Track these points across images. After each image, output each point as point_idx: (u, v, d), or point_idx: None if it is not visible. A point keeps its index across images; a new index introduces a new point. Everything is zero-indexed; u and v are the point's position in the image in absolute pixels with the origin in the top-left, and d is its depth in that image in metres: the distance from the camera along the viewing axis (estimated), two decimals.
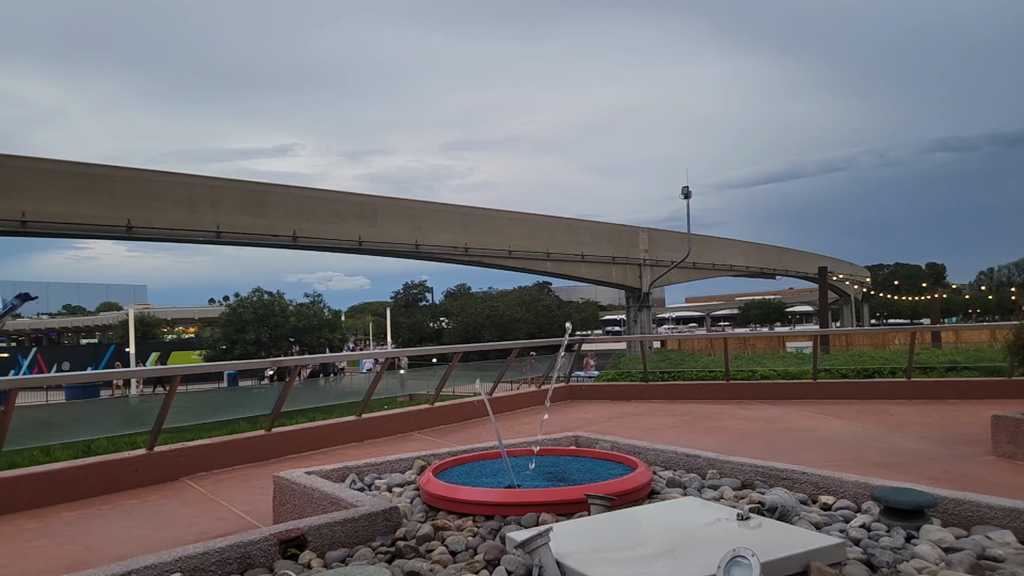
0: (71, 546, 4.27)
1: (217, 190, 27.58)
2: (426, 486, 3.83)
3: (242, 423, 14.67)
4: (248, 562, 2.85)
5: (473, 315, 61.19)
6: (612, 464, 4.29)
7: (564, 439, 5.27)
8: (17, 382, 5.61)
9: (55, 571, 3.66)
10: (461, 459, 4.55)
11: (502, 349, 11.42)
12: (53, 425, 15.25)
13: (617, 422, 8.37)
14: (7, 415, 5.13)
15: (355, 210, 30.96)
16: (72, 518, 4.92)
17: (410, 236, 32.23)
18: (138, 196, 25.25)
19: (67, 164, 24.63)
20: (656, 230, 45.57)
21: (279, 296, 46.53)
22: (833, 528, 3.16)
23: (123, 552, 4.02)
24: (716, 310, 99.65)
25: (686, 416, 8.65)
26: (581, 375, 16.52)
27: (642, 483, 3.72)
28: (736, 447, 6.18)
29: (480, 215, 36.13)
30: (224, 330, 46.34)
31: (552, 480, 4.04)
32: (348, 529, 3.18)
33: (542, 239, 37.75)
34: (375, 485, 4.35)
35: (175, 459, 6.15)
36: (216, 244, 28.13)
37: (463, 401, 9.81)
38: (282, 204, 28.94)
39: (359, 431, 7.72)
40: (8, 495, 5.10)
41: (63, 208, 23.66)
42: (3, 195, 22.52)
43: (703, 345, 18.89)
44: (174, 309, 72.35)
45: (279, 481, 4.25)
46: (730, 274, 53.50)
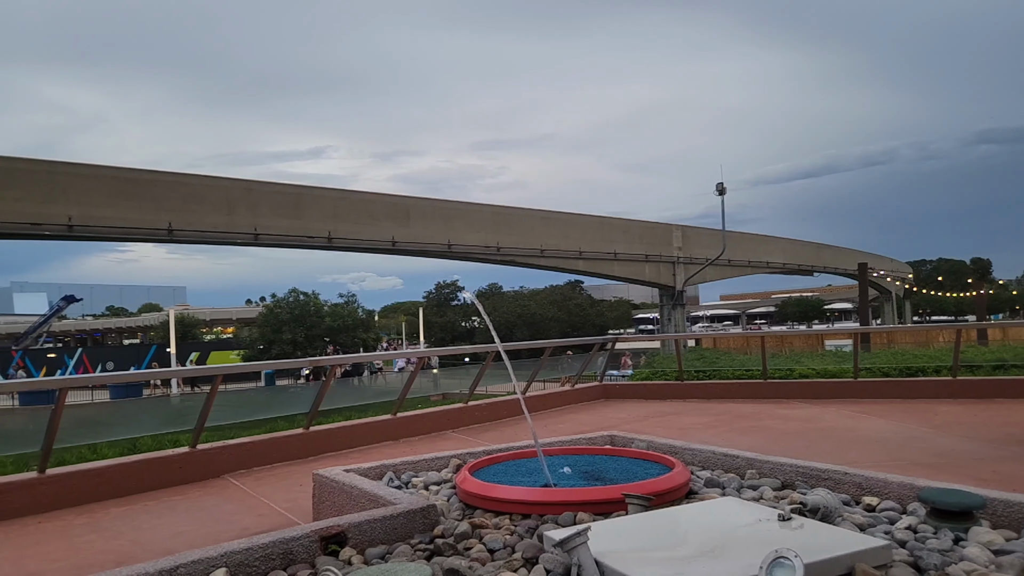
0: (119, 541, 4.40)
1: (254, 193, 28.12)
2: (463, 484, 3.85)
3: (280, 422, 14.91)
4: (290, 558, 2.90)
5: (505, 314, 61.25)
6: (649, 464, 4.26)
7: (599, 438, 5.25)
8: (66, 382, 5.79)
9: (104, 565, 3.76)
10: (496, 458, 4.56)
11: (535, 348, 11.42)
12: (99, 423, 15.70)
13: (652, 421, 8.31)
14: (57, 414, 5.30)
15: (388, 211, 31.28)
16: (120, 514, 5.06)
17: (442, 236, 32.43)
18: (179, 200, 25.88)
19: (111, 169, 25.36)
20: (690, 227, 45.09)
21: (314, 296, 47.23)
22: (878, 530, 3.09)
23: (169, 547, 4.12)
24: (752, 308, 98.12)
25: (723, 415, 8.55)
26: (615, 374, 16.43)
27: (680, 483, 3.69)
28: (775, 447, 6.08)
29: (512, 214, 36.18)
30: (261, 330, 47.20)
31: (588, 479, 4.03)
32: (387, 526, 3.22)
33: (574, 238, 37.64)
34: (412, 483, 4.39)
35: (217, 457, 6.28)
36: (254, 246, 28.66)
37: (497, 400, 9.83)
38: (317, 206, 29.38)
39: (395, 430, 7.79)
40: (58, 491, 5.27)
41: (108, 212, 24.38)
42: (51, 200, 23.29)
43: (739, 343, 18.63)
44: (213, 310, 73.92)
45: (318, 479, 4.32)
46: (766, 271, 52.69)
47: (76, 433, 11.35)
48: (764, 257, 49.67)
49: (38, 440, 5.61)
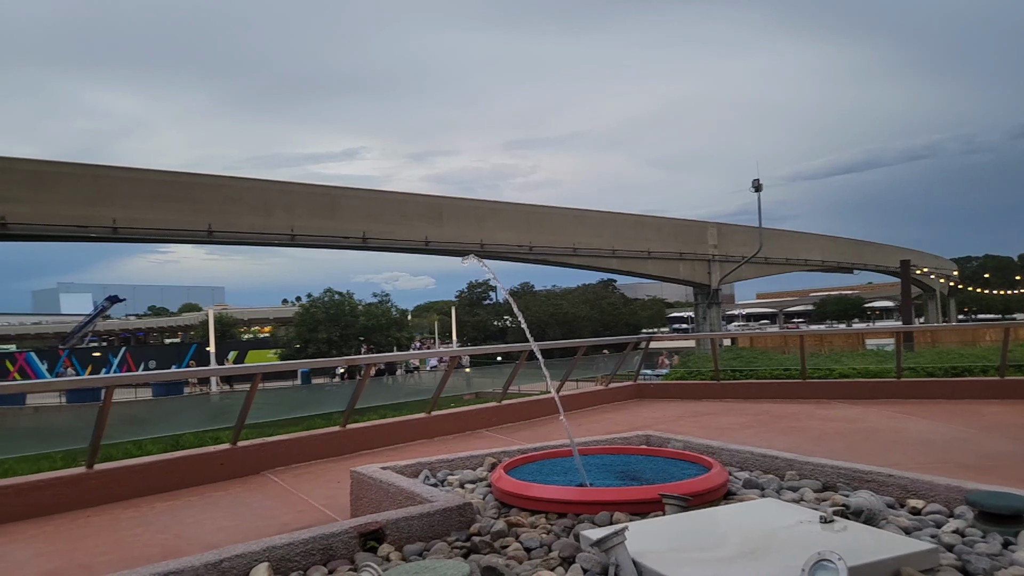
0: (164, 535, 4.51)
1: (291, 194, 28.60)
2: (498, 483, 3.86)
3: (317, 419, 15.11)
4: (330, 553, 2.95)
5: (537, 313, 61.18)
6: (685, 464, 4.22)
7: (634, 438, 5.21)
8: (113, 380, 5.97)
9: (150, 559, 3.86)
10: (531, 457, 4.56)
11: (568, 347, 11.39)
12: (144, 420, 16.09)
13: (688, 421, 8.23)
14: (105, 411, 5.46)
15: (422, 211, 31.53)
16: (164, 508, 5.19)
17: (475, 235, 32.56)
18: (218, 202, 26.47)
19: (153, 173, 26.05)
20: (725, 225, 44.52)
21: (349, 296, 47.81)
22: (924, 533, 3.02)
23: (212, 541, 4.21)
24: (789, 306, 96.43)
25: (760, 415, 8.42)
26: (649, 373, 16.31)
27: (718, 483, 3.64)
28: (815, 448, 5.96)
29: (545, 213, 36.17)
30: (298, 329, 47.97)
31: (624, 479, 4.01)
32: (424, 524, 3.25)
33: (607, 236, 37.46)
34: (448, 481, 4.42)
35: (256, 454, 6.40)
36: (290, 246, 29.15)
37: (530, 399, 9.84)
38: (352, 207, 29.76)
39: (429, 428, 7.84)
40: (106, 486, 5.43)
41: (150, 215, 25.05)
42: (97, 203, 24.02)
43: (777, 342, 18.31)
44: (250, 309, 75.25)
45: (356, 476, 4.37)
46: (804, 269, 51.76)
47: (121, 430, 11.64)
48: (802, 255, 48.80)
49: (85, 436, 5.78)
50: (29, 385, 15.55)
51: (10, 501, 4.96)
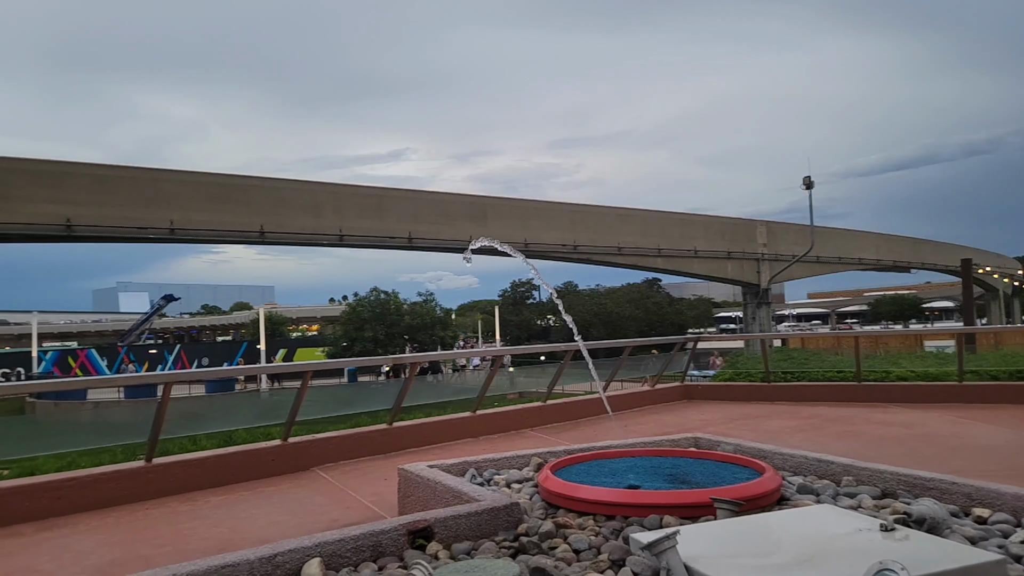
0: (219, 528, 4.63)
1: (340, 196, 29.13)
2: (545, 483, 3.84)
3: (363, 417, 15.33)
4: (380, 550, 2.98)
5: (581, 313, 60.92)
6: (737, 467, 4.13)
7: (683, 440, 5.13)
8: (171, 376, 6.16)
9: (206, 551, 3.97)
10: (578, 458, 4.53)
11: (613, 347, 11.28)
12: (197, 416, 16.57)
13: (737, 424, 8.06)
14: (163, 407, 5.64)
15: (466, 211, 31.72)
16: (219, 502, 5.33)
17: (519, 235, 32.59)
18: (269, 203, 27.12)
19: (208, 176, 26.85)
20: (775, 223, 43.54)
21: (394, 295, 48.42)
22: (990, 543, 2.89)
23: (265, 536, 4.31)
24: (842, 306, 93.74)
25: (813, 419, 8.20)
26: (696, 374, 16.05)
27: (771, 488, 3.55)
28: (872, 453, 5.77)
29: (589, 212, 35.98)
30: (344, 328, 48.81)
31: (673, 482, 3.94)
32: (472, 523, 3.25)
33: (653, 235, 37.05)
34: (494, 480, 4.42)
35: (306, 450, 6.52)
36: (339, 247, 29.66)
37: (575, 399, 9.78)
38: (398, 207, 30.13)
39: (474, 427, 7.87)
40: (163, 479, 5.60)
41: (205, 216, 25.82)
42: (156, 206, 24.89)
43: (830, 343, 17.79)
44: (299, 308, 76.83)
45: (403, 474, 4.41)
46: (858, 268, 50.25)
47: (177, 425, 12.03)
48: (855, 253, 47.41)
49: (143, 431, 5.98)
50: (93, 381, 16.19)
51: (74, 493, 5.16)
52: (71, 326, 75.98)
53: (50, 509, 5.00)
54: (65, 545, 4.38)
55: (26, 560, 4.13)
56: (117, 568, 3.84)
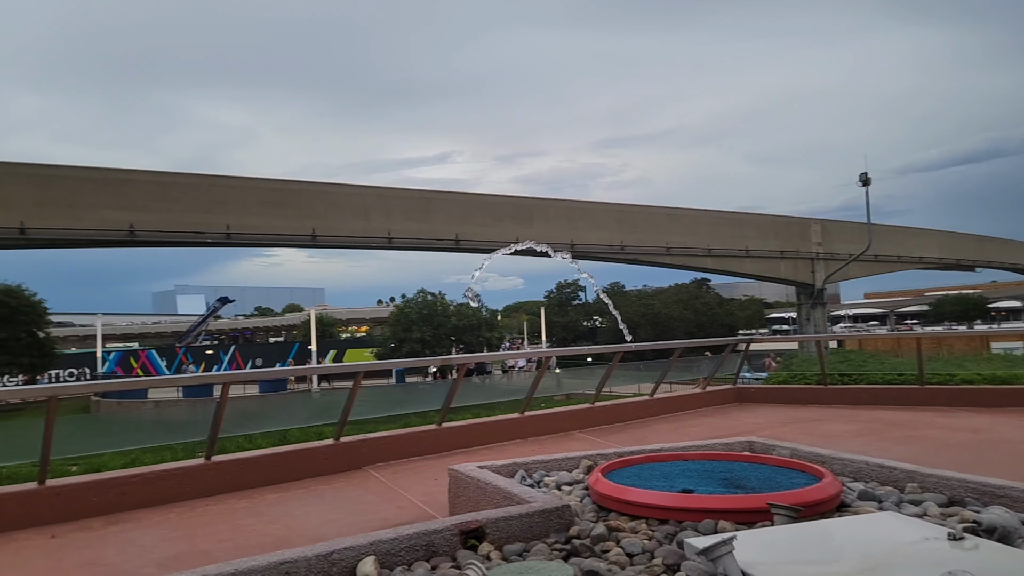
0: (275, 525, 4.74)
1: (388, 199, 29.57)
2: (596, 486, 3.81)
3: (412, 417, 15.53)
4: (432, 550, 3.00)
5: (628, 313, 60.38)
6: (794, 472, 4.02)
7: (737, 444, 5.02)
8: (229, 376, 6.31)
9: (264, 548, 4.06)
10: (629, 460, 4.48)
11: (662, 349, 11.13)
12: (253, 415, 17.03)
13: (793, 427, 7.85)
14: (222, 406, 5.80)
15: (512, 212, 31.82)
16: (275, 500, 5.45)
17: (565, 236, 32.51)
18: (321, 207, 27.72)
19: (261, 181, 27.59)
20: (830, 221, 42.37)
21: (441, 297, 48.86)
22: None
23: (320, 534, 4.39)
24: (901, 307, 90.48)
25: (872, 423, 7.92)
26: (748, 376, 15.73)
27: (831, 494, 3.45)
28: (937, 459, 5.54)
29: (636, 212, 35.66)
30: (393, 329, 49.49)
31: (727, 486, 3.86)
32: (523, 524, 3.24)
33: (702, 234, 36.49)
34: (544, 482, 4.40)
35: (358, 450, 6.61)
36: (388, 249, 30.10)
37: (624, 401, 9.68)
38: (445, 209, 30.41)
39: (522, 428, 7.86)
40: (222, 477, 5.76)
41: (259, 221, 26.55)
42: (212, 211, 25.72)
43: (889, 345, 17.22)
44: (348, 310, 78.11)
45: (454, 474, 4.43)
46: (919, 267, 48.45)
47: (234, 423, 12.40)
48: (916, 252, 45.75)
49: (200, 430, 6.17)
50: (156, 381, 16.79)
51: (138, 489, 5.35)
52: (132, 327, 79.02)
53: (116, 504, 5.19)
54: (131, 539, 4.55)
55: (95, 553, 4.30)
56: (180, 562, 3.97)
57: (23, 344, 44.68)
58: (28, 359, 44.70)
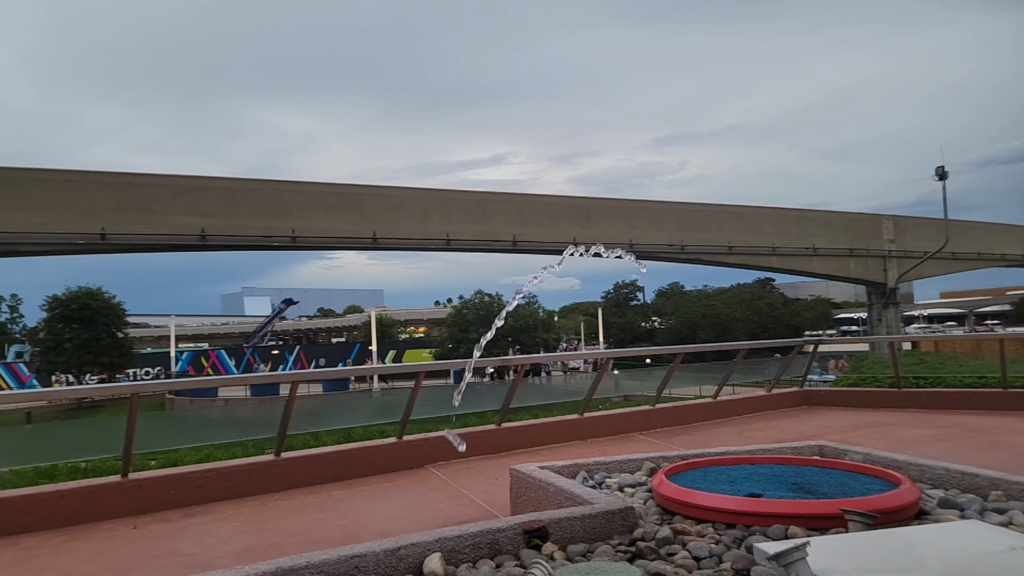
0: (342, 521, 4.86)
1: (447, 201, 29.92)
2: (660, 488, 3.76)
3: (471, 418, 15.64)
4: (496, 548, 3.02)
5: (688, 314, 59.40)
6: (868, 478, 3.88)
7: (806, 448, 4.87)
8: (298, 376, 6.52)
9: (332, 542, 4.17)
10: (693, 463, 4.41)
11: (724, 351, 10.89)
12: (318, 413, 17.49)
13: (865, 432, 7.56)
14: (291, 404, 5.99)
15: (570, 212, 31.71)
16: (341, 496, 5.60)
17: (624, 236, 32.20)
18: (381, 210, 28.30)
19: (324, 185, 28.33)
20: (903, 217, 40.65)
21: (498, 298, 49.14)
22: None
23: (385, 529, 4.48)
24: (981, 306, 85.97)
25: (951, 428, 7.57)
26: (815, 379, 15.25)
27: (909, 501, 3.31)
28: (1022, 466, 5.26)
29: (697, 211, 35.03)
30: (450, 330, 50.09)
31: (797, 491, 3.75)
32: (586, 525, 3.23)
33: (766, 233, 35.54)
34: (606, 484, 4.38)
35: (420, 448, 6.72)
36: (446, 251, 30.45)
37: (686, 403, 9.53)
38: (503, 211, 30.56)
39: (582, 429, 7.83)
40: (291, 473, 5.94)
41: (323, 224, 27.29)
42: (279, 215, 26.58)
43: (968, 347, 16.38)
44: (406, 311, 79.29)
45: (515, 474, 4.45)
46: (1002, 264, 45.92)
47: (300, 421, 12.76)
48: (997, 248, 43.42)
49: (268, 427, 6.37)
50: (229, 380, 17.47)
51: (213, 483, 5.57)
52: (203, 328, 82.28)
53: (192, 497, 5.42)
54: (206, 531, 4.74)
55: (174, 544, 4.50)
56: (253, 554, 4.11)
57: (103, 344, 47.20)
58: (108, 358, 47.18)
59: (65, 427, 18.08)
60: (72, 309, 46.65)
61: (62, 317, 46.80)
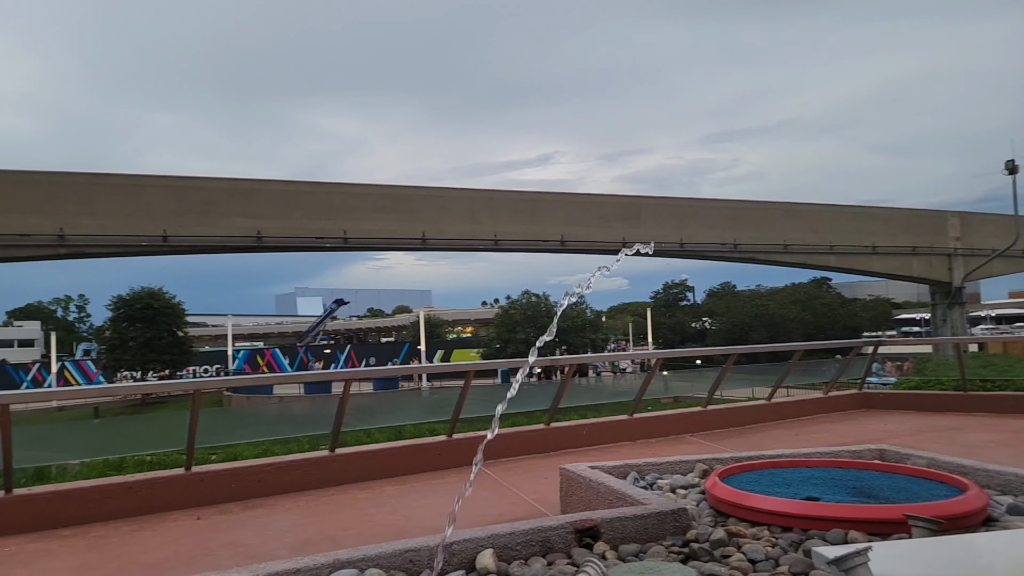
0: (395, 516, 4.95)
1: (495, 202, 30.05)
2: (713, 490, 3.72)
3: (520, 417, 15.66)
4: (548, 546, 3.03)
5: (740, 315, 58.17)
6: (932, 483, 3.75)
7: (865, 452, 4.74)
8: (351, 374, 6.66)
9: (386, 536, 4.23)
10: (747, 466, 4.33)
11: (779, 351, 10.65)
12: (369, 411, 17.78)
13: (927, 436, 7.30)
14: (344, 401, 6.13)
15: (619, 212, 31.46)
16: (393, 492, 5.69)
17: (675, 234, 31.78)
18: (430, 211, 28.61)
19: (375, 187, 28.81)
20: (970, 213, 39.00)
21: (545, 298, 49.09)
22: None
23: (437, 525, 4.50)
24: None
25: (1021, 433, 7.24)
26: (874, 381, 14.78)
27: (976, 507, 3.19)
28: None
29: (751, 209, 34.30)
30: (498, 330, 50.27)
31: (857, 496, 3.65)
32: (638, 525, 3.22)
33: (823, 231, 34.55)
34: (657, 484, 4.34)
35: (470, 446, 6.77)
36: (494, 251, 30.59)
37: (738, 405, 9.36)
38: (551, 211, 30.52)
39: (631, 430, 7.78)
40: (344, 468, 6.08)
41: (373, 225, 27.75)
42: (331, 217, 27.14)
43: None
44: (454, 311, 79.93)
45: (565, 473, 4.45)
46: None
47: (352, 418, 12.98)
48: None
49: (321, 423, 6.51)
50: (285, 377, 18.01)
51: (271, 477, 5.74)
52: (258, 328, 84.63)
53: (252, 490, 5.60)
54: (265, 523, 4.89)
55: (235, 535, 4.65)
56: (311, 547, 4.22)
57: (165, 343, 48.99)
58: (169, 356, 48.97)
59: (131, 422, 18.85)
60: (136, 309, 48.55)
61: (126, 316, 48.74)
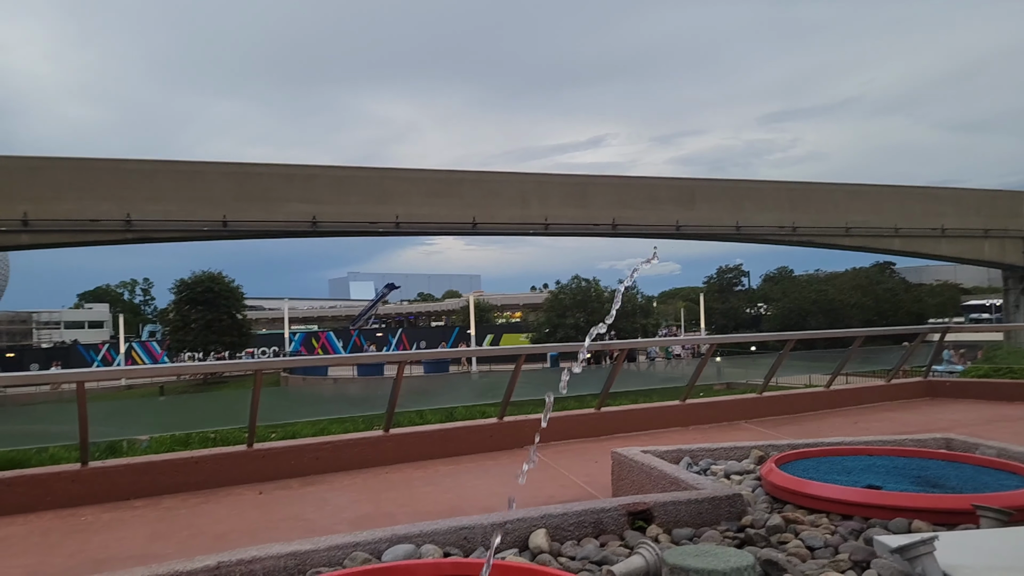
0: (448, 495, 5.04)
1: (545, 185, 29.91)
2: (769, 476, 3.66)
3: (570, 401, 15.66)
4: (600, 528, 3.04)
5: (796, 300, 56.68)
6: (1002, 474, 3.61)
7: (931, 441, 4.58)
8: (406, 356, 6.81)
9: (441, 514, 4.30)
10: (805, 452, 4.24)
11: (839, 337, 10.34)
12: (423, 393, 18.06)
13: (998, 426, 7.00)
14: (398, 383, 6.25)
15: (672, 195, 30.93)
16: (447, 471, 5.79)
17: (730, 218, 31.09)
18: (480, 196, 28.69)
19: (426, 172, 29.04)
20: None
21: (595, 283, 48.77)
22: None
23: (489, 504, 4.60)
24: None
25: None
26: (939, 369, 14.23)
27: None
28: None
29: (811, 190, 33.23)
30: (547, 315, 50.21)
31: (921, 485, 3.54)
32: (692, 510, 3.20)
33: (889, 213, 33.23)
34: (711, 470, 4.30)
35: (520, 429, 6.83)
36: (544, 235, 30.52)
37: (794, 392, 9.16)
38: (602, 194, 30.22)
39: (683, 416, 7.71)
40: (399, 448, 6.21)
41: (425, 210, 28.01)
42: (384, 202, 27.51)
43: None
44: (503, 296, 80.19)
45: (617, 457, 4.45)
46: None
47: (405, 399, 13.21)
48: None
49: (374, 404, 6.64)
50: (341, 359, 18.59)
51: (328, 455, 5.91)
52: (312, 311, 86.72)
53: (310, 467, 5.78)
54: (324, 499, 5.04)
55: (296, 509, 4.82)
56: (368, 522, 4.34)
57: (225, 325, 50.73)
58: (229, 338, 50.71)
59: (194, 400, 19.67)
60: (197, 292, 50.40)
61: (189, 299, 50.67)
